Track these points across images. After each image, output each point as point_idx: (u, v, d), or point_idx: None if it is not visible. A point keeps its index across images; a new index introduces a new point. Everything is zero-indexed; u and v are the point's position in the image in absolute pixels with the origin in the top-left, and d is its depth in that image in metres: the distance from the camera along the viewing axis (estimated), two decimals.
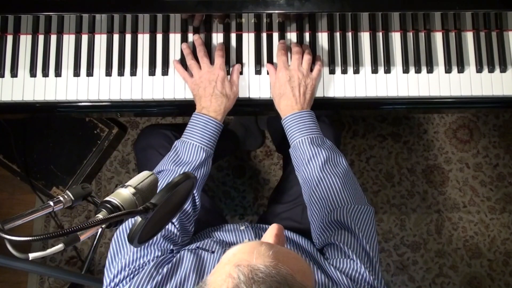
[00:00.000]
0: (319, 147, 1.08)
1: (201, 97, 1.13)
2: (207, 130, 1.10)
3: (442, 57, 1.21)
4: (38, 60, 1.21)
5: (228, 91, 1.14)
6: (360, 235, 0.95)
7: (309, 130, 1.10)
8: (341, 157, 1.10)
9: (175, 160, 1.08)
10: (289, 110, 1.12)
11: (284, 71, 1.14)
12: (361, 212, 1.00)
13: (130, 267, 0.91)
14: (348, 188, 1.04)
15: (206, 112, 1.12)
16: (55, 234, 0.62)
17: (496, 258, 1.89)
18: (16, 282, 1.88)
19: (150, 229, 0.75)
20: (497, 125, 1.98)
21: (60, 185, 1.83)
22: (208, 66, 1.16)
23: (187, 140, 1.10)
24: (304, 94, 1.13)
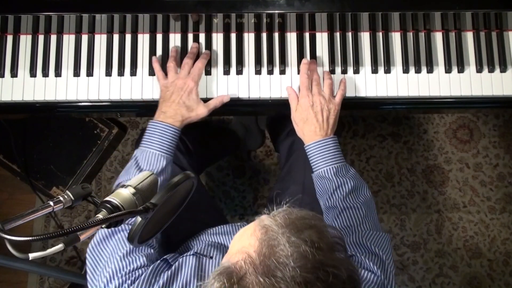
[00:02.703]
0: (344, 177, 1.08)
1: (165, 100, 1.13)
2: (165, 137, 1.10)
3: (442, 57, 1.21)
4: (38, 60, 1.21)
5: (192, 104, 1.14)
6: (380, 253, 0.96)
7: (334, 159, 1.10)
8: (364, 187, 1.11)
9: (136, 170, 1.07)
10: (313, 136, 1.12)
11: (307, 97, 1.13)
12: (380, 237, 1.02)
13: (121, 273, 0.89)
14: (370, 217, 1.06)
15: (163, 118, 1.11)
16: (55, 234, 0.62)
17: (496, 258, 1.89)
18: (16, 282, 1.88)
19: (150, 229, 0.75)
20: (497, 125, 1.98)
21: (60, 185, 1.83)
22: (185, 74, 1.16)
23: (146, 148, 1.10)
24: (328, 120, 1.12)
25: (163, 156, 1.09)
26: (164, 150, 1.10)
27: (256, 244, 0.66)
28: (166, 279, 0.89)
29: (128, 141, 1.96)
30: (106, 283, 0.89)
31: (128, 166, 1.10)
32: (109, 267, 0.91)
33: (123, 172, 1.10)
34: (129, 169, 1.09)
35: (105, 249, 0.95)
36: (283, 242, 0.64)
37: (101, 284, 0.90)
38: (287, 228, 0.66)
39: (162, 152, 1.09)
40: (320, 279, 0.62)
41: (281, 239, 0.65)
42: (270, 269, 0.63)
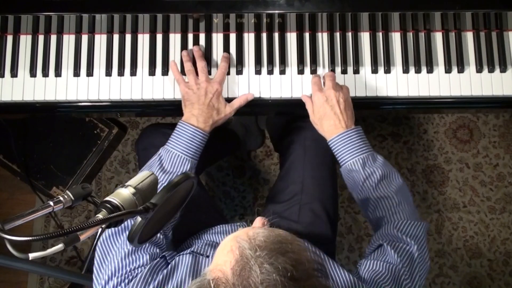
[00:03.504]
0: (372, 167, 1.07)
1: (194, 103, 1.13)
2: (193, 142, 1.10)
3: (442, 57, 1.22)
4: (38, 60, 1.21)
5: (221, 106, 1.14)
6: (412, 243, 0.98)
7: (359, 150, 1.08)
8: (394, 174, 1.10)
9: (159, 169, 1.07)
10: (334, 130, 1.10)
11: (319, 93, 1.12)
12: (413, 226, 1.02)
13: (121, 272, 0.90)
14: (403, 205, 1.05)
15: (195, 122, 1.11)
16: (55, 234, 0.62)
17: (496, 258, 1.89)
18: (16, 282, 1.88)
19: (150, 229, 0.75)
20: (497, 125, 1.98)
21: (60, 185, 1.83)
22: (207, 78, 1.15)
23: (172, 149, 1.09)
24: (345, 110, 1.11)
25: (188, 160, 1.09)
26: (190, 154, 1.09)
27: (231, 263, 0.66)
28: (162, 278, 0.89)
29: (128, 141, 1.96)
30: (107, 280, 0.90)
31: (151, 163, 1.10)
32: (113, 264, 0.91)
33: (145, 167, 1.10)
34: (151, 167, 1.09)
35: (114, 244, 0.95)
36: (255, 269, 0.63)
37: (102, 282, 0.90)
38: (262, 251, 0.65)
39: (188, 156, 1.09)
40: None
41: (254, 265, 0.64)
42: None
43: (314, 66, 1.20)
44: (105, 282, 0.90)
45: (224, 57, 1.19)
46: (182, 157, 1.08)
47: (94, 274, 0.94)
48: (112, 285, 0.89)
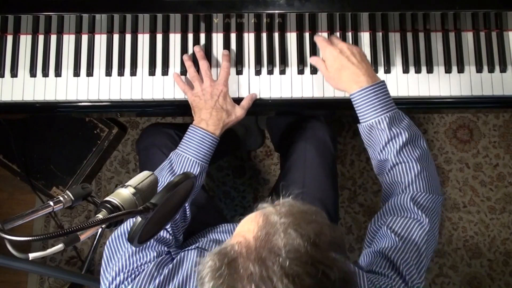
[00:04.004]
0: (398, 127, 1.01)
1: (202, 109, 1.13)
2: (203, 145, 1.09)
3: (442, 57, 1.22)
4: (38, 60, 1.21)
5: (230, 107, 1.14)
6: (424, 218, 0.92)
7: (386, 106, 1.01)
8: (420, 137, 1.03)
9: (169, 172, 1.07)
10: (355, 82, 1.03)
11: (331, 47, 1.08)
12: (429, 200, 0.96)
13: (128, 269, 0.90)
14: (424, 175, 0.99)
15: (204, 125, 1.11)
16: (55, 234, 0.62)
17: (496, 258, 1.89)
18: (16, 282, 1.88)
19: (150, 229, 0.75)
20: (497, 125, 1.98)
21: (60, 185, 1.83)
22: (211, 81, 1.15)
23: (182, 153, 1.09)
24: (363, 61, 1.06)
25: (198, 163, 1.08)
26: (200, 157, 1.09)
27: (255, 230, 0.67)
28: (168, 272, 0.89)
29: (128, 141, 1.96)
30: (114, 276, 0.90)
31: (162, 167, 1.10)
32: (120, 261, 0.92)
33: (157, 171, 1.10)
34: (162, 171, 1.09)
35: (122, 243, 0.96)
36: (279, 232, 0.65)
37: (111, 276, 0.90)
38: (287, 219, 0.67)
39: (198, 159, 1.08)
40: (309, 274, 0.62)
41: (279, 229, 0.65)
42: (262, 257, 0.63)
43: (314, 66, 1.20)
44: (112, 278, 0.90)
45: (224, 56, 1.19)
46: (193, 160, 1.08)
47: (101, 273, 0.94)
48: (118, 280, 0.89)
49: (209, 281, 0.65)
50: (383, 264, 0.89)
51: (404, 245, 0.91)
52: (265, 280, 0.61)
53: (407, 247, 0.91)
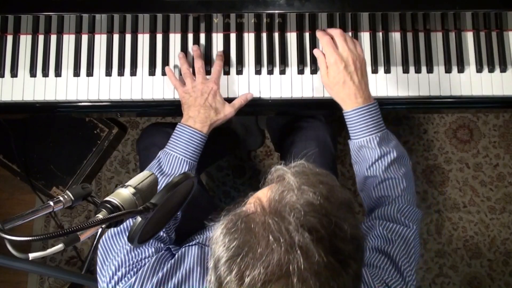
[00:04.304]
0: (387, 146, 1.05)
1: (190, 106, 1.13)
2: (191, 143, 1.09)
3: (442, 57, 1.21)
4: (38, 60, 1.21)
5: (219, 106, 1.13)
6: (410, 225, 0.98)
7: (377, 126, 1.05)
8: (406, 157, 1.09)
9: (158, 171, 1.07)
10: (353, 101, 1.05)
11: (337, 56, 1.05)
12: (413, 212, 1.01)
13: (128, 263, 0.91)
14: (409, 190, 1.05)
15: (192, 123, 1.11)
16: (55, 234, 0.62)
17: (496, 258, 1.89)
18: (16, 282, 1.88)
19: (150, 229, 0.75)
20: (497, 125, 1.98)
21: (60, 185, 1.83)
22: (203, 78, 1.15)
23: (170, 151, 1.09)
24: (363, 78, 1.06)
25: (186, 161, 1.08)
26: (188, 155, 1.09)
27: (268, 193, 0.68)
28: (170, 266, 0.90)
29: (128, 141, 1.96)
30: (114, 271, 0.90)
31: (150, 166, 1.10)
32: (117, 258, 0.92)
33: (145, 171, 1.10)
34: (151, 169, 1.09)
35: (116, 242, 0.96)
36: (293, 189, 0.66)
37: (110, 272, 0.90)
38: (300, 178, 0.68)
39: (186, 157, 1.09)
40: (324, 225, 0.63)
41: (293, 186, 0.67)
42: (277, 210, 0.64)
43: (314, 66, 1.20)
44: (112, 273, 0.90)
45: (218, 56, 1.19)
46: (181, 158, 1.08)
47: (98, 268, 0.94)
48: (119, 275, 0.89)
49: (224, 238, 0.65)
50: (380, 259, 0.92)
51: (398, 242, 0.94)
52: (281, 231, 0.62)
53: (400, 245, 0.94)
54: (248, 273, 0.61)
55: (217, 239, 0.67)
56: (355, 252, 0.65)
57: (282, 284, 0.60)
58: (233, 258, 0.63)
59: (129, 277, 0.89)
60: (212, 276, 0.67)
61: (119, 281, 0.89)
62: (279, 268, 0.60)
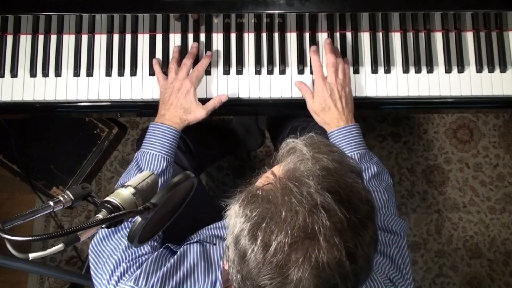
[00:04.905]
0: (368, 163, 1.09)
1: (164, 103, 1.14)
2: (165, 139, 1.10)
3: (442, 57, 1.21)
4: (38, 60, 1.21)
5: (189, 105, 1.13)
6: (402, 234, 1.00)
7: (358, 145, 1.11)
8: (386, 173, 1.12)
9: (137, 171, 1.08)
10: (335, 124, 1.12)
11: (323, 86, 1.13)
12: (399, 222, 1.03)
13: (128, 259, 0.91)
14: (391, 202, 1.07)
15: (162, 120, 1.12)
16: (55, 234, 0.62)
17: (496, 258, 1.89)
18: (16, 282, 1.88)
19: (150, 229, 0.75)
20: (497, 125, 1.98)
21: (60, 185, 1.83)
22: (183, 75, 1.16)
23: (146, 150, 1.10)
24: (347, 105, 1.13)
25: (163, 157, 1.09)
26: (164, 151, 1.10)
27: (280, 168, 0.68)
28: (173, 262, 0.90)
29: (128, 141, 1.96)
30: (113, 269, 0.90)
31: (129, 168, 1.11)
32: (114, 256, 0.92)
33: (124, 174, 1.11)
34: (129, 171, 1.10)
35: (107, 246, 0.96)
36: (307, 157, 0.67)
37: (109, 270, 0.90)
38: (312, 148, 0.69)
39: (163, 154, 1.09)
40: (342, 187, 0.64)
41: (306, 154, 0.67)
42: (295, 176, 0.65)
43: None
44: (112, 270, 0.90)
45: (206, 55, 1.20)
46: (157, 155, 1.09)
47: (92, 272, 0.94)
48: (122, 270, 0.90)
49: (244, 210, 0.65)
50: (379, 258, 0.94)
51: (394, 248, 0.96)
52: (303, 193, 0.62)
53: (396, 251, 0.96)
54: (274, 238, 0.61)
55: (236, 213, 0.66)
56: (371, 213, 0.67)
57: (308, 245, 0.60)
58: (257, 226, 0.63)
59: (133, 270, 0.89)
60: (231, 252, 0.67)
61: (122, 276, 0.89)
62: (304, 229, 0.61)
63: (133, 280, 0.87)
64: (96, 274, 0.93)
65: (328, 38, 1.21)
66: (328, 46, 1.18)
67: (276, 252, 0.61)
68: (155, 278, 0.87)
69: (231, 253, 0.67)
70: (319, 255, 0.60)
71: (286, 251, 0.61)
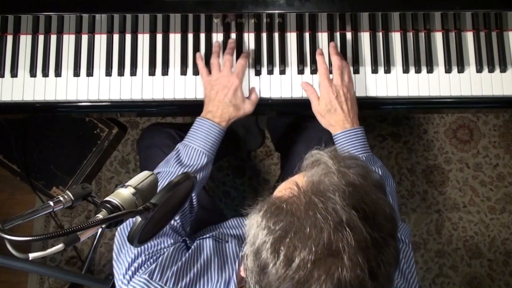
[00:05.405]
0: (372, 166, 1.09)
1: (211, 100, 1.13)
2: (210, 136, 1.10)
3: (442, 57, 1.22)
4: (38, 60, 1.21)
5: (239, 102, 1.14)
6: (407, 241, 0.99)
7: (363, 148, 1.11)
8: (390, 177, 1.12)
9: (176, 162, 1.08)
10: (341, 126, 1.12)
11: (329, 88, 1.13)
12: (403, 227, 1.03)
13: (148, 251, 0.91)
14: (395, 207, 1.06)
15: (211, 117, 1.12)
16: (55, 234, 0.62)
17: (496, 258, 1.89)
18: (16, 282, 1.88)
19: (150, 229, 0.75)
20: (497, 125, 1.98)
21: (60, 185, 1.83)
22: (228, 71, 1.15)
23: (189, 143, 1.10)
24: (352, 107, 1.13)
25: (205, 153, 1.09)
26: (207, 148, 1.10)
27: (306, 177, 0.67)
28: (188, 256, 0.91)
29: (128, 141, 1.96)
30: (133, 258, 0.90)
31: (169, 158, 1.11)
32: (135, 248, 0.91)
33: (163, 163, 1.11)
34: (169, 161, 1.10)
35: None
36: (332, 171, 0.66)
37: (128, 259, 0.91)
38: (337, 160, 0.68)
39: (205, 150, 1.10)
40: (367, 204, 0.63)
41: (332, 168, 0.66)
42: (321, 191, 0.64)
43: (314, 66, 1.20)
44: (131, 261, 0.90)
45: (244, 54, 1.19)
46: (200, 150, 1.09)
47: (114, 259, 0.94)
48: (139, 262, 0.90)
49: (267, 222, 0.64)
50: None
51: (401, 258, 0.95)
52: (328, 209, 0.61)
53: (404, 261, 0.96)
54: (298, 254, 0.60)
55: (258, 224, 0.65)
56: (394, 230, 0.66)
57: (331, 263, 0.60)
58: (280, 240, 0.62)
59: (149, 264, 0.89)
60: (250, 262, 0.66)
61: (138, 268, 0.89)
62: (328, 246, 0.60)
63: (148, 274, 0.87)
64: (118, 259, 0.93)
65: (332, 41, 1.21)
66: (333, 49, 1.18)
67: (298, 268, 0.60)
68: (170, 273, 0.87)
69: (250, 263, 0.67)
70: (341, 273, 0.59)
71: (309, 268, 0.60)
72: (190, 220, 1.08)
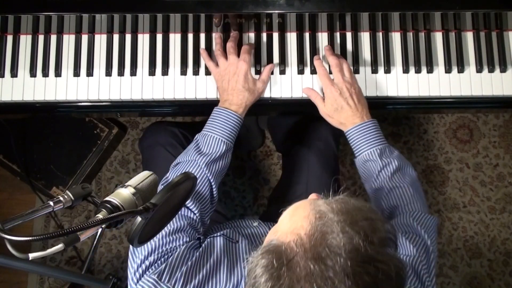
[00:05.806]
0: (388, 158, 1.08)
1: (225, 90, 1.14)
2: (228, 124, 1.11)
3: (442, 57, 1.22)
4: (38, 60, 1.21)
5: (251, 85, 1.14)
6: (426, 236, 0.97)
7: (377, 141, 1.10)
8: (409, 167, 1.11)
9: (195, 152, 1.08)
10: (351, 122, 1.11)
11: (332, 87, 1.12)
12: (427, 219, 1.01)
13: (160, 250, 0.91)
14: (417, 197, 1.06)
15: (228, 105, 1.12)
16: (55, 234, 0.62)
17: (496, 258, 1.89)
18: (16, 282, 1.88)
19: (150, 229, 0.75)
20: (497, 125, 1.98)
21: (60, 185, 1.83)
22: (234, 58, 1.16)
23: (207, 133, 1.10)
24: (359, 101, 1.12)
25: (224, 141, 1.09)
26: (225, 136, 1.10)
27: (308, 228, 0.65)
28: (198, 255, 0.90)
29: (128, 141, 1.96)
30: (146, 255, 0.91)
31: (188, 148, 1.11)
32: (150, 244, 0.92)
33: (183, 154, 1.11)
34: (188, 150, 1.10)
35: None
36: (336, 231, 0.64)
37: (142, 255, 0.91)
38: (342, 216, 0.65)
39: (224, 138, 1.10)
40: (369, 273, 0.62)
41: (335, 227, 0.64)
42: (320, 256, 0.62)
43: (314, 66, 1.20)
44: (144, 257, 0.90)
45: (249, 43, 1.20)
46: (218, 138, 1.09)
47: (130, 252, 0.94)
48: (150, 260, 0.90)
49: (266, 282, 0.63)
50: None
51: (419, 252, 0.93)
52: (326, 279, 0.61)
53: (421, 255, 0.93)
54: None
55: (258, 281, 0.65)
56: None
57: None
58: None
59: (159, 263, 0.89)
60: None
61: (149, 267, 0.89)
62: None
63: (157, 274, 0.87)
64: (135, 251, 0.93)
65: (327, 45, 1.21)
66: (328, 51, 1.18)
67: None
68: (179, 274, 0.87)
69: None
70: None
71: None
72: (210, 211, 1.08)
